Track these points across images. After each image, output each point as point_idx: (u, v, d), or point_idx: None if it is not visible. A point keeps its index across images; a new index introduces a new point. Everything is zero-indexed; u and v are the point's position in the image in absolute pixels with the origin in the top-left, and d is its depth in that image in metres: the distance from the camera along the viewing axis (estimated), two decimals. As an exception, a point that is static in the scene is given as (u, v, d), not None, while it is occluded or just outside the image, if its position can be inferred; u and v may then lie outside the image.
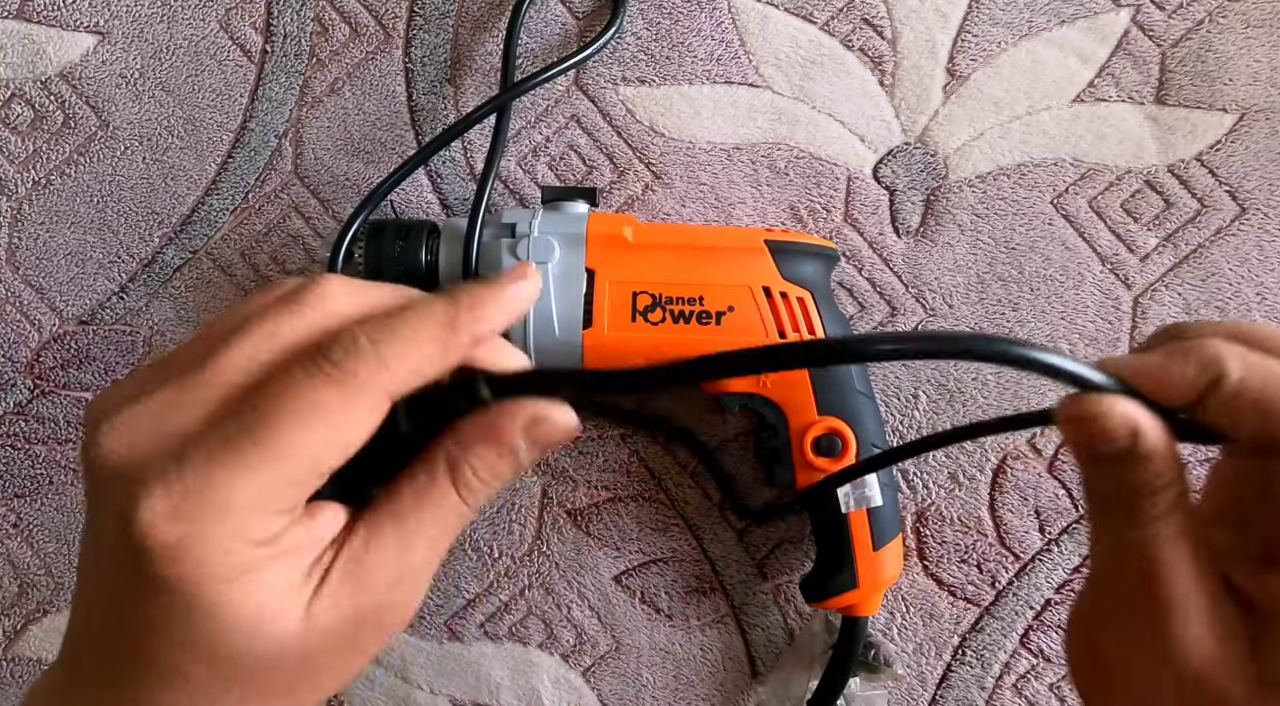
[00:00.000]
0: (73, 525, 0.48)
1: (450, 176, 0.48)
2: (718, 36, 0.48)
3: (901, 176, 0.48)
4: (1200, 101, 0.47)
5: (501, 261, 0.41)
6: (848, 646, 0.43)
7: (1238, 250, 0.47)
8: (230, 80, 0.49)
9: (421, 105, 0.49)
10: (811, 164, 0.48)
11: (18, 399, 0.48)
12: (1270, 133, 0.47)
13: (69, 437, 0.48)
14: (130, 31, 0.49)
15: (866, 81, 0.48)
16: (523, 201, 0.48)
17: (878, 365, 0.47)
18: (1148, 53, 0.48)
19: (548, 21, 0.49)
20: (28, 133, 0.49)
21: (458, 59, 0.49)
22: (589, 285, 0.41)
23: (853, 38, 0.48)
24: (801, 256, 0.43)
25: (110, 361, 0.48)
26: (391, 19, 0.49)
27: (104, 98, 0.49)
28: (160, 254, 0.49)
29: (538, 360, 0.41)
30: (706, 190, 0.48)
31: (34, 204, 0.49)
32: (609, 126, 0.48)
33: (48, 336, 0.48)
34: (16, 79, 0.49)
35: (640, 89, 0.48)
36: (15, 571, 0.48)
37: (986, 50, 0.48)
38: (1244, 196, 0.47)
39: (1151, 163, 0.47)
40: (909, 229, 0.48)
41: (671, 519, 0.47)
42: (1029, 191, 0.47)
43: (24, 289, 0.48)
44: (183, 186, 0.49)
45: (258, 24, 0.49)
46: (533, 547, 0.48)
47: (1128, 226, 0.47)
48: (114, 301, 0.48)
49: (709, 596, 0.47)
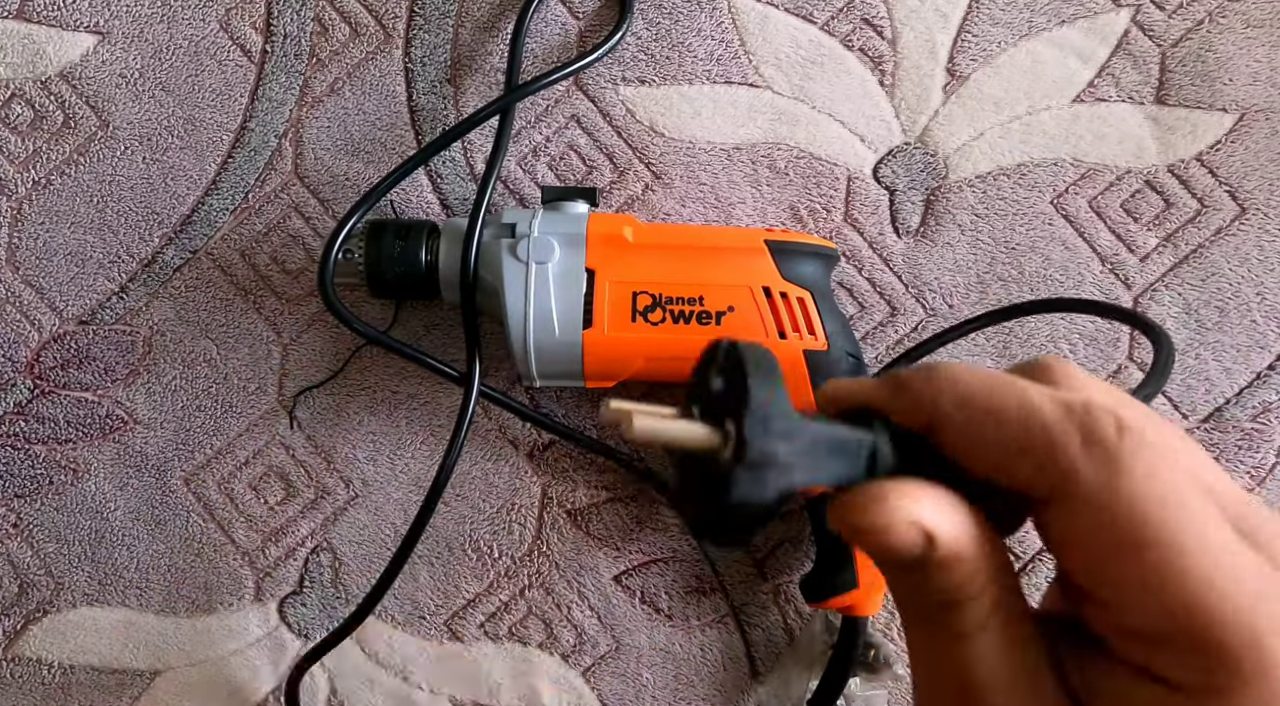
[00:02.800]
0: (73, 525, 0.48)
1: (450, 176, 0.48)
2: (718, 36, 0.48)
3: (901, 176, 0.48)
4: (1200, 101, 0.47)
5: (502, 261, 0.41)
6: (848, 646, 0.43)
7: (1238, 250, 0.47)
8: (230, 80, 0.49)
9: (421, 105, 0.49)
10: (811, 164, 0.48)
11: (18, 399, 0.48)
12: (1270, 133, 0.47)
13: (69, 437, 0.48)
14: (130, 31, 0.49)
15: (866, 81, 0.48)
16: (523, 201, 0.48)
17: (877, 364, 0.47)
18: (1148, 53, 0.48)
19: (549, 22, 0.49)
20: (28, 133, 0.49)
21: (458, 59, 0.49)
22: (589, 285, 0.41)
23: (853, 38, 0.48)
24: (801, 256, 0.43)
25: (110, 361, 0.48)
26: (391, 19, 0.49)
27: (104, 98, 0.49)
28: (160, 254, 0.49)
29: (538, 360, 0.41)
30: (706, 190, 0.48)
31: (34, 204, 0.49)
32: (609, 126, 0.48)
33: (48, 336, 0.48)
34: (16, 79, 0.49)
35: (640, 89, 0.48)
36: (15, 571, 0.48)
37: (986, 50, 0.48)
38: (1244, 196, 0.47)
39: (1151, 163, 0.47)
40: (909, 229, 0.48)
41: (671, 519, 0.47)
42: (1029, 191, 0.47)
43: (24, 289, 0.48)
44: (183, 186, 0.49)
45: (258, 24, 0.49)
46: (533, 547, 0.48)
47: (1128, 226, 0.47)
48: (114, 301, 0.48)
49: (709, 596, 0.47)
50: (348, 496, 0.48)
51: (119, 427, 0.48)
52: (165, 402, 0.48)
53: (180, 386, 0.48)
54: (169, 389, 0.48)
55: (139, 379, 0.48)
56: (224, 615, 0.48)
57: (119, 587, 0.48)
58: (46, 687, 0.48)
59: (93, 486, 0.48)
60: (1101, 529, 0.18)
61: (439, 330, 0.48)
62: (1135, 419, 0.19)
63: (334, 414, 0.48)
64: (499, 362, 0.47)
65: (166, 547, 0.48)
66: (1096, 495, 0.18)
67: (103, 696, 0.48)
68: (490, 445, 0.48)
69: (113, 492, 0.48)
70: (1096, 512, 0.18)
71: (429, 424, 0.48)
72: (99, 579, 0.48)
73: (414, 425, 0.48)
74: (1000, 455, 0.19)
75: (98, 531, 0.48)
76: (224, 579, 0.48)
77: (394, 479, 0.48)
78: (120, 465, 0.48)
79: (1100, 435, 0.18)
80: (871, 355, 0.47)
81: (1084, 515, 0.18)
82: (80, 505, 0.48)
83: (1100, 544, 0.18)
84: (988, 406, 0.20)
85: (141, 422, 0.48)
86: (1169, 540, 0.18)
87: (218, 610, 0.48)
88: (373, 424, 0.48)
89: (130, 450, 0.48)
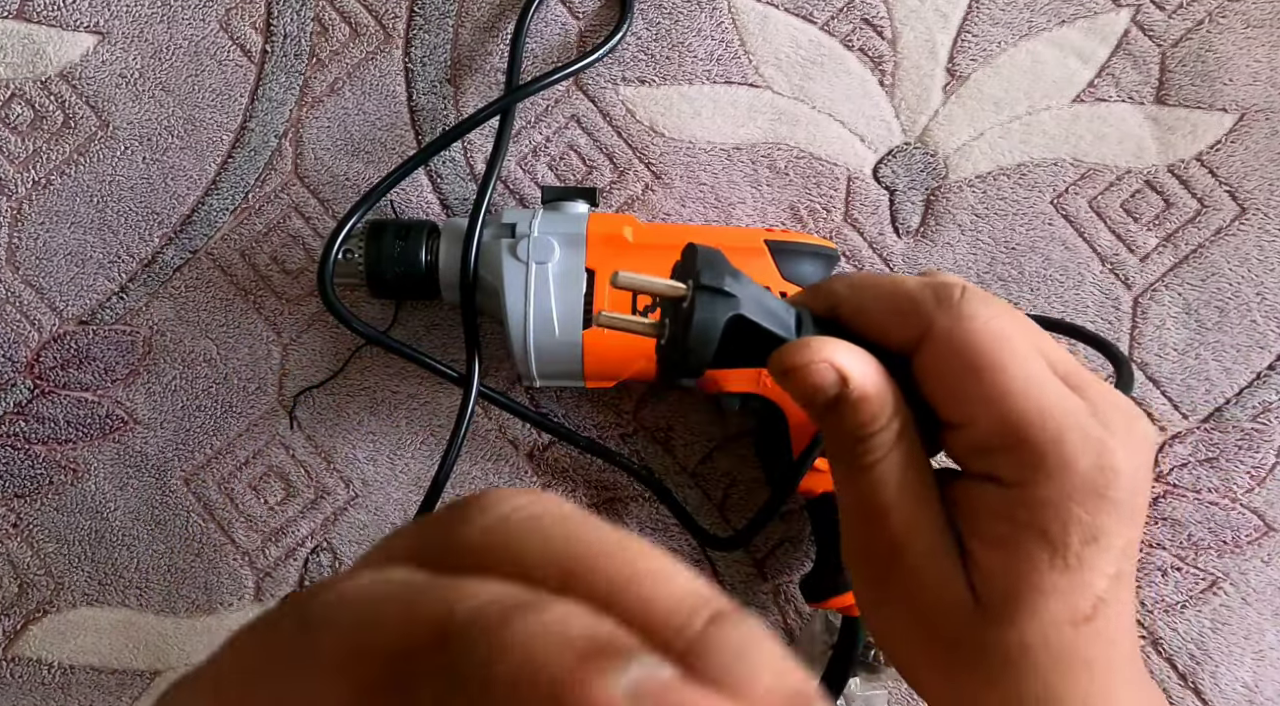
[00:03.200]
0: (73, 525, 0.48)
1: (450, 176, 0.48)
2: (718, 36, 0.48)
3: (901, 176, 0.48)
4: (1200, 101, 0.47)
5: (502, 261, 0.41)
6: (848, 646, 0.43)
7: (1238, 250, 0.47)
8: (230, 80, 0.49)
9: (421, 105, 0.49)
10: (811, 164, 0.48)
11: (18, 399, 0.48)
12: (1270, 133, 0.47)
13: (69, 437, 0.48)
14: (130, 31, 0.49)
15: (866, 81, 0.48)
16: (523, 201, 0.48)
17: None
18: (1148, 53, 0.48)
19: (548, 22, 0.49)
20: (28, 133, 0.49)
21: (458, 59, 0.49)
22: (589, 285, 0.41)
23: (853, 38, 0.48)
24: (801, 256, 0.43)
25: (110, 361, 0.48)
26: (391, 19, 0.49)
27: (104, 98, 0.49)
28: (160, 254, 0.49)
29: (538, 360, 0.41)
30: (706, 190, 0.48)
31: (34, 204, 0.49)
32: (609, 126, 0.48)
33: (48, 336, 0.48)
34: (16, 79, 0.49)
35: (640, 89, 0.48)
36: (15, 571, 0.48)
37: (986, 50, 0.48)
38: (1244, 196, 0.47)
39: (1151, 163, 0.47)
40: (909, 229, 0.48)
41: (671, 519, 0.47)
42: (1029, 191, 0.47)
43: (24, 289, 0.48)
44: (183, 186, 0.49)
45: (258, 24, 0.49)
46: (533, 547, 0.48)
47: (1128, 226, 0.47)
48: (114, 301, 0.48)
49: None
50: (348, 496, 0.48)
51: (119, 427, 0.48)
52: (165, 402, 0.48)
53: (180, 386, 0.48)
54: (169, 389, 0.48)
55: (139, 379, 0.48)
56: (224, 615, 0.48)
57: (119, 587, 0.48)
58: (46, 687, 0.48)
59: (93, 486, 0.48)
60: (951, 359, 0.24)
61: (439, 330, 0.48)
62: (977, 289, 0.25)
63: (334, 414, 0.48)
64: (499, 363, 0.47)
65: (166, 547, 0.48)
66: (946, 336, 0.24)
67: (103, 696, 0.48)
68: (490, 445, 0.48)
69: (113, 492, 0.48)
70: (947, 349, 0.24)
71: (429, 424, 0.48)
72: (99, 579, 0.48)
73: (414, 425, 0.48)
74: (881, 318, 0.25)
75: (98, 531, 0.48)
76: (224, 579, 0.48)
77: (394, 479, 0.48)
78: (120, 465, 0.48)
79: (948, 295, 0.24)
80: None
81: (938, 354, 0.24)
82: (80, 505, 0.48)
83: (950, 373, 0.24)
84: (871, 284, 0.26)
85: (141, 422, 0.48)
86: (999, 365, 0.23)
87: (218, 610, 0.48)
88: (373, 424, 0.48)
89: (130, 450, 0.48)
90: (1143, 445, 0.24)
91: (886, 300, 0.25)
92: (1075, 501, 0.23)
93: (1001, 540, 0.24)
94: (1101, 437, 0.23)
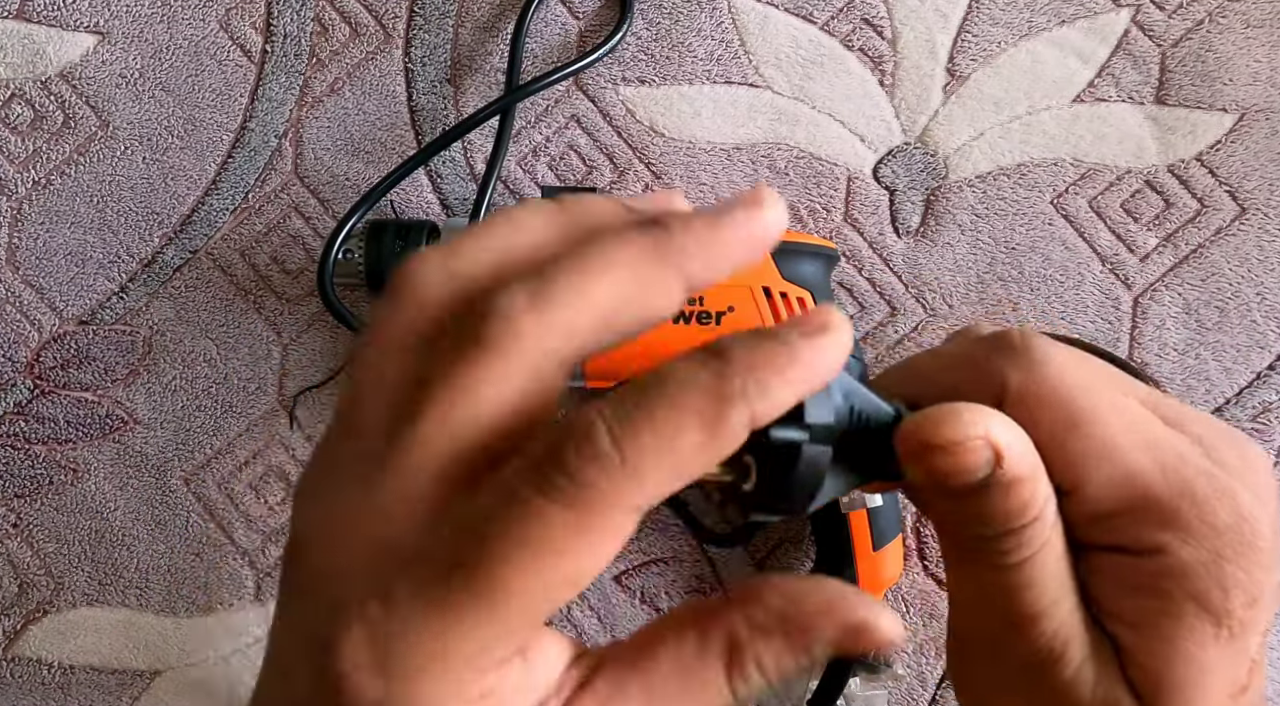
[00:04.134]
0: (73, 525, 0.48)
1: (450, 176, 0.48)
2: (718, 36, 0.48)
3: (901, 176, 0.48)
4: (1200, 101, 0.47)
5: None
6: (848, 646, 0.43)
7: (1238, 250, 0.47)
8: (230, 80, 0.49)
9: (421, 105, 0.49)
10: (811, 164, 0.48)
11: (18, 399, 0.48)
12: (1270, 133, 0.47)
13: (69, 437, 0.48)
14: (130, 31, 0.49)
15: (866, 81, 0.48)
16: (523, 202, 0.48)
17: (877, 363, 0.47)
18: (1148, 53, 0.48)
19: (548, 22, 0.49)
20: (28, 133, 0.49)
21: (458, 59, 0.49)
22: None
23: (853, 38, 0.48)
24: (801, 256, 0.43)
25: (110, 361, 0.48)
26: (391, 19, 0.49)
27: (104, 98, 0.49)
28: (160, 254, 0.49)
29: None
30: (706, 190, 0.48)
31: (34, 204, 0.49)
32: (609, 126, 0.48)
33: (48, 336, 0.48)
34: (16, 79, 0.49)
35: (640, 89, 0.48)
36: (15, 571, 0.48)
37: (986, 50, 0.48)
38: (1244, 196, 0.47)
39: (1151, 163, 0.47)
40: (909, 229, 0.48)
41: (671, 519, 0.47)
42: (1029, 191, 0.47)
43: (24, 289, 0.48)
44: (183, 186, 0.49)
45: (258, 24, 0.49)
46: (533, 547, 0.48)
47: (1128, 226, 0.47)
48: (114, 301, 0.48)
49: (709, 596, 0.47)
50: (348, 496, 0.48)
51: (119, 427, 0.48)
52: (165, 402, 0.48)
53: (180, 386, 0.48)
54: (169, 389, 0.48)
55: (139, 379, 0.48)
56: (224, 615, 0.48)
57: (119, 587, 0.48)
58: (46, 687, 0.48)
59: (93, 486, 0.48)
60: (1041, 415, 0.20)
61: (439, 330, 0.48)
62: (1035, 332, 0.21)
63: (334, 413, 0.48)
64: (499, 363, 0.47)
65: (166, 547, 0.48)
66: (1025, 390, 0.20)
67: (103, 696, 0.48)
68: (490, 445, 0.48)
69: (113, 492, 0.48)
70: (1031, 404, 0.20)
71: (429, 424, 0.48)
72: (99, 579, 0.48)
73: (414, 425, 0.48)
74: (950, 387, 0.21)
75: (98, 531, 0.48)
76: (224, 579, 0.48)
77: (394, 479, 0.48)
78: (120, 465, 0.48)
79: (1009, 342, 0.21)
80: (872, 355, 0.47)
81: (1024, 410, 0.20)
82: (80, 505, 0.48)
83: (1044, 431, 0.20)
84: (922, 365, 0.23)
85: (141, 422, 0.48)
86: (1094, 416, 0.20)
87: (218, 610, 0.48)
88: (373, 424, 0.48)
89: (130, 450, 0.48)
90: (1264, 476, 0.21)
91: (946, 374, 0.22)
92: (1227, 559, 0.20)
93: (1150, 619, 0.20)
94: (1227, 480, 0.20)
